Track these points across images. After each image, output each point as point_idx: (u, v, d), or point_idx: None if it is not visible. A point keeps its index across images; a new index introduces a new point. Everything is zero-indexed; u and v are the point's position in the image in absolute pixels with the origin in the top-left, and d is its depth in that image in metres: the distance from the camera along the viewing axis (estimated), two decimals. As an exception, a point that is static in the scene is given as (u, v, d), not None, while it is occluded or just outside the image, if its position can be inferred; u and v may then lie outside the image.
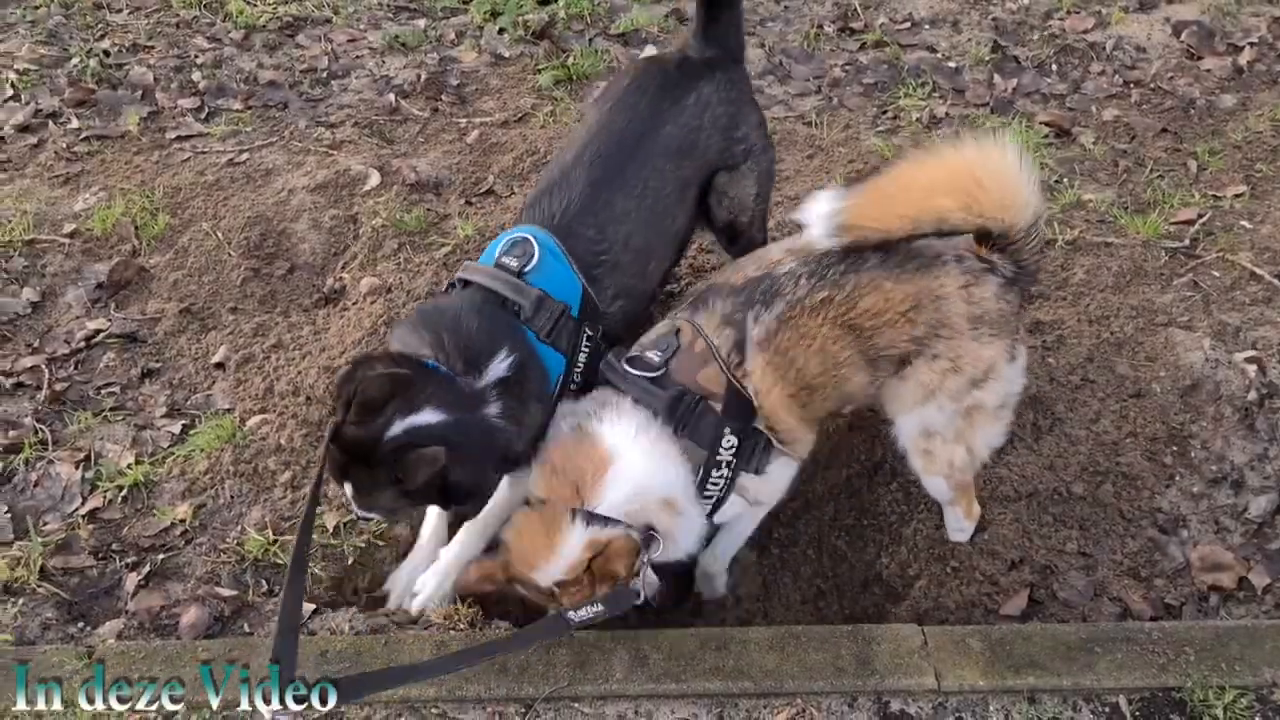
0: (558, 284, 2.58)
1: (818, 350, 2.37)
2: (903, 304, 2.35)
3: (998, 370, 2.44)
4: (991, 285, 2.38)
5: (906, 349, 2.40)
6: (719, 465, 2.39)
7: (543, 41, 4.90)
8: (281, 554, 2.76)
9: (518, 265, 2.55)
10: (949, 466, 2.58)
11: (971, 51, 4.76)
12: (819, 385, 2.42)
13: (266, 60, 4.86)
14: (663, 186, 2.79)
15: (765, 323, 2.35)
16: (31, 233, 3.78)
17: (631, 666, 2.40)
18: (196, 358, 3.36)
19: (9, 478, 2.98)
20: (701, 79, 2.87)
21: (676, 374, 2.37)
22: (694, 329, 2.40)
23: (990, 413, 2.51)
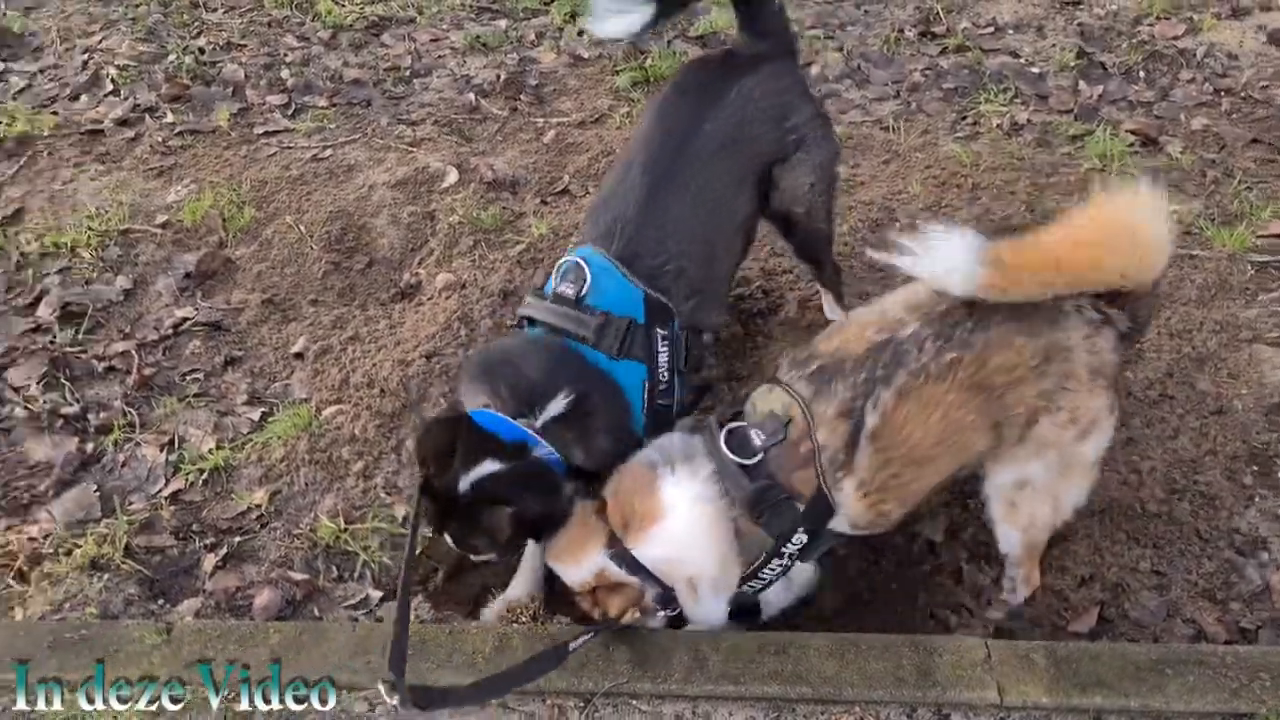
0: (617, 298, 2.58)
1: (939, 420, 2.26)
2: (1034, 358, 2.25)
3: (1102, 423, 2.37)
4: (1110, 337, 2.30)
5: (1035, 406, 2.30)
6: (781, 555, 2.39)
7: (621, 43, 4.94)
8: (351, 541, 2.83)
9: (574, 292, 2.57)
10: (1030, 520, 2.50)
11: (1056, 57, 4.67)
12: (931, 458, 2.31)
13: (352, 59, 4.98)
14: (715, 183, 2.76)
15: (883, 404, 2.24)
16: (127, 223, 3.93)
17: (691, 667, 2.41)
18: (277, 347, 3.46)
19: (99, 458, 3.11)
20: (744, 73, 2.83)
21: (772, 466, 2.33)
22: (806, 425, 2.31)
23: (1085, 468, 2.43)
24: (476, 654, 2.45)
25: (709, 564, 2.39)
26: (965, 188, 3.94)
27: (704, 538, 2.35)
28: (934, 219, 3.78)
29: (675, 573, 2.38)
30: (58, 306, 3.57)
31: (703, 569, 2.39)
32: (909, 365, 2.24)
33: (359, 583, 2.76)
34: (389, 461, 3.05)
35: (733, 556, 2.40)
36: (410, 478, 2.99)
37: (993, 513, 2.54)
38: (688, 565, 2.38)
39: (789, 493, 2.33)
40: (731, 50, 2.95)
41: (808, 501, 2.33)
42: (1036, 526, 2.52)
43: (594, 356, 2.54)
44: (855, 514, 2.36)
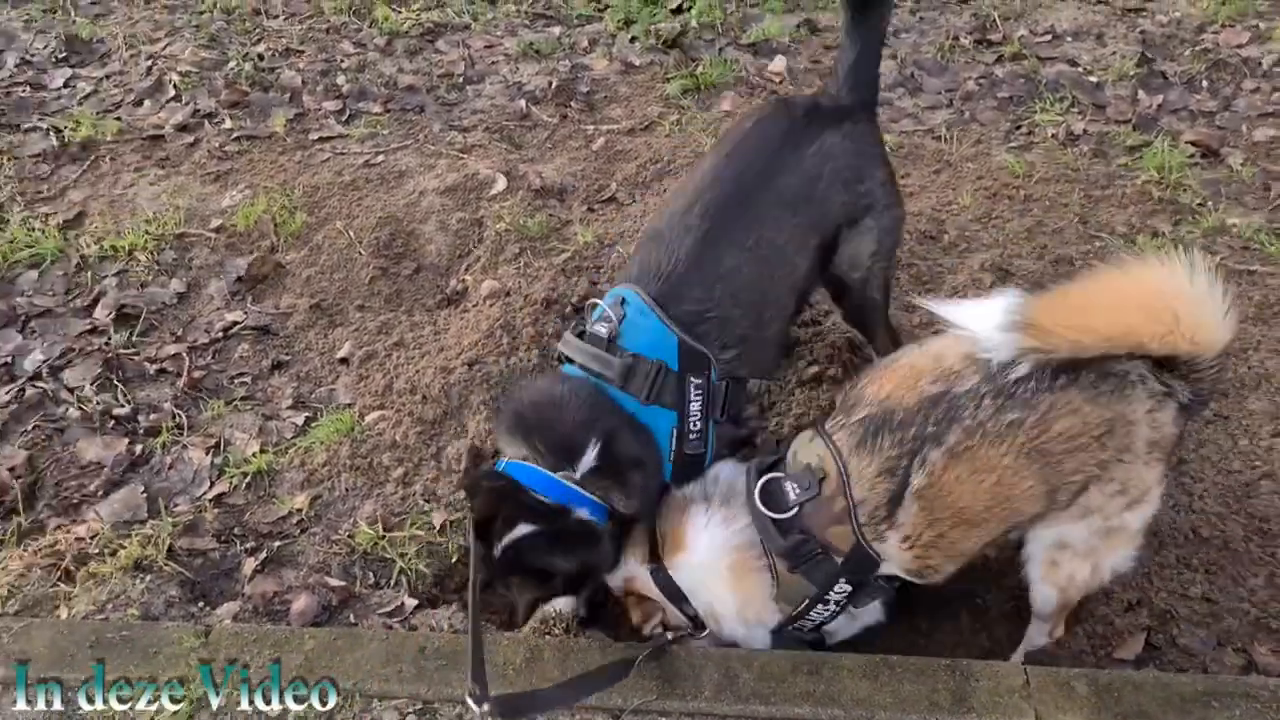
0: (649, 341, 2.55)
1: (993, 484, 2.18)
2: (1098, 428, 2.16)
3: (1152, 494, 2.30)
4: (1171, 411, 2.21)
5: (1090, 475, 2.21)
6: (826, 602, 2.39)
7: (673, 50, 4.94)
8: (389, 548, 2.85)
9: (607, 332, 2.55)
10: (1069, 580, 2.42)
11: (1115, 66, 4.57)
12: (982, 521, 2.24)
13: (406, 65, 5.04)
14: (778, 238, 2.66)
15: (932, 464, 2.18)
16: (182, 227, 4.01)
17: (721, 685, 2.39)
18: (323, 352, 3.51)
19: (147, 459, 3.17)
20: (827, 128, 2.74)
21: (806, 521, 2.31)
22: (840, 481, 2.27)
23: (1129, 535, 2.36)
24: (508, 665, 2.46)
25: (728, 602, 2.46)
26: (1017, 199, 3.87)
27: (723, 579, 2.43)
28: (981, 230, 3.73)
29: (696, 600, 2.48)
30: (114, 309, 3.65)
31: (722, 605, 2.47)
32: (964, 423, 2.16)
33: (395, 590, 2.78)
34: (429, 469, 3.07)
35: (766, 599, 2.42)
36: (449, 486, 3.02)
37: (1031, 571, 2.47)
38: (705, 598, 2.48)
39: (824, 547, 2.31)
40: (817, 100, 2.85)
41: (846, 555, 2.30)
42: (1074, 586, 2.45)
43: (625, 401, 2.53)
44: (902, 564, 2.33)
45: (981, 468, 2.17)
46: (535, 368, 3.30)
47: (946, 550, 2.30)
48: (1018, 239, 3.68)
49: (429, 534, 2.90)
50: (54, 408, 3.32)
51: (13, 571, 2.75)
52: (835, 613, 2.44)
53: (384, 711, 2.39)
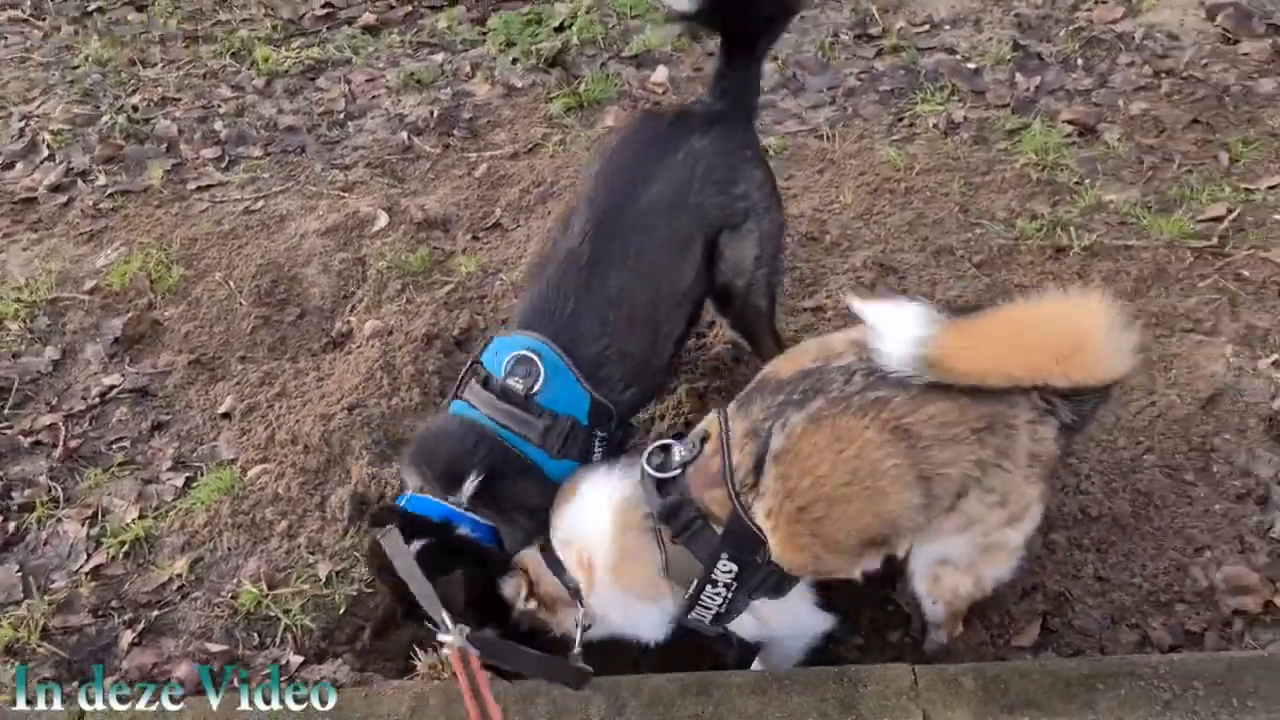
0: (565, 400, 2.56)
1: (852, 456, 2.12)
2: (978, 421, 2.12)
3: (1032, 511, 2.28)
4: (1052, 428, 2.19)
5: (965, 474, 2.16)
6: (714, 584, 2.29)
7: (555, 69, 4.90)
8: (273, 606, 2.78)
9: (524, 388, 2.54)
10: (952, 594, 2.42)
11: (992, 51, 4.60)
12: (846, 497, 2.17)
13: (287, 105, 4.95)
14: (657, 249, 2.66)
15: (792, 426, 2.14)
16: (55, 291, 3.91)
17: (609, 713, 2.35)
18: (204, 409, 3.42)
19: (22, 536, 3.07)
20: (694, 132, 2.71)
21: (688, 482, 2.27)
22: (720, 439, 2.24)
23: (1009, 551, 2.35)
24: (391, 715, 2.40)
25: (601, 547, 2.35)
26: (898, 193, 3.88)
27: (598, 519, 2.35)
28: (864, 227, 3.73)
29: (570, 555, 2.37)
30: (-14, 382, 3.54)
31: (595, 550, 2.36)
32: (829, 393, 2.13)
33: (280, 648, 2.72)
34: (313, 519, 3.00)
35: (655, 571, 2.33)
36: (335, 535, 2.95)
37: (916, 586, 2.46)
38: (579, 543, 2.38)
39: (702, 512, 2.24)
40: (686, 107, 2.85)
41: (725, 524, 2.23)
42: (959, 598, 2.44)
43: (535, 455, 2.55)
44: (776, 550, 2.24)
45: (841, 437, 2.11)
46: (417, 406, 3.25)
47: (813, 530, 2.21)
48: (899, 233, 3.69)
49: (315, 587, 2.84)
50: (-78, 490, 3.21)
51: (-127, 669, 2.64)
52: (728, 599, 2.32)
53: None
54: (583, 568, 2.37)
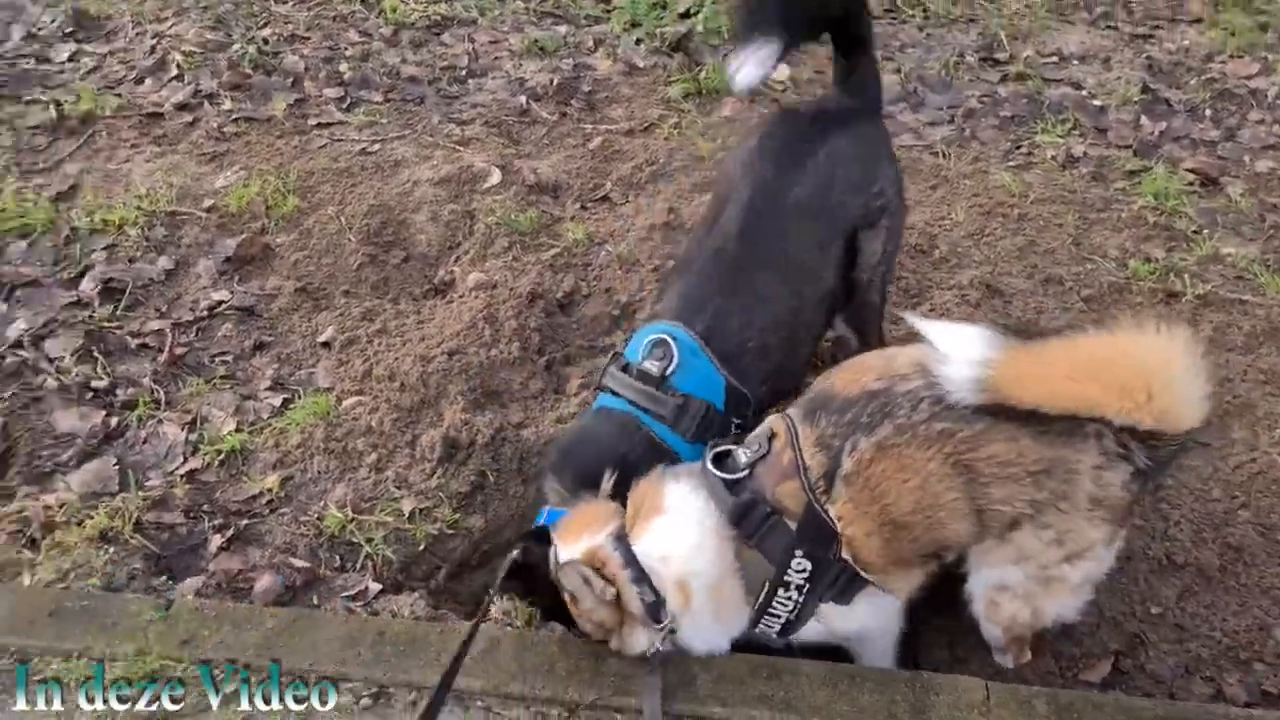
0: (701, 383, 2.56)
1: (917, 487, 2.14)
2: (1035, 464, 2.11)
3: (1095, 552, 2.25)
4: (1122, 473, 2.15)
5: (1020, 511, 2.17)
6: (787, 586, 2.26)
7: (677, 54, 4.92)
8: (356, 533, 2.84)
9: (658, 370, 2.55)
10: (1010, 620, 2.39)
11: (1120, 91, 4.56)
12: (908, 525, 2.19)
13: (410, 56, 5.03)
14: (803, 252, 2.67)
15: (861, 451, 2.14)
16: (174, 204, 4.00)
17: (678, 686, 2.37)
18: (306, 335, 3.50)
19: (123, 432, 3.16)
20: (833, 131, 2.72)
21: (758, 481, 2.25)
22: (789, 437, 2.23)
23: (1069, 587, 2.32)
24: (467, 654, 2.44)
25: (703, 567, 2.27)
26: (1011, 218, 3.86)
27: (699, 538, 2.26)
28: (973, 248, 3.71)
29: (667, 572, 2.25)
30: (100, 282, 3.64)
31: (697, 571, 2.27)
32: (897, 420, 2.13)
33: (359, 574, 2.77)
34: (402, 456, 3.06)
35: (734, 579, 2.28)
36: (421, 474, 3.00)
37: (975, 608, 2.43)
38: (679, 563, 2.26)
39: (775, 508, 2.22)
40: (822, 105, 2.83)
41: (799, 519, 2.21)
42: (1018, 625, 2.42)
43: (668, 437, 2.54)
44: (853, 547, 2.22)
45: (907, 466, 2.13)
46: (515, 360, 3.30)
47: (878, 549, 2.21)
48: (1009, 257, 3.67)
49: (398, 520, 2.89)
50: (32, 377, 3.30)
51: (-23, 536, 2.74)
52: (799, 604, 2.29)
53: (340, 695, 2.37)
54: (681, 591, 2.27)
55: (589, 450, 2.59)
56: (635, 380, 2.57)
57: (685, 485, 2.32)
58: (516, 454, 3.07)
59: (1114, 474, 2.15)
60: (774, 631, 2.36)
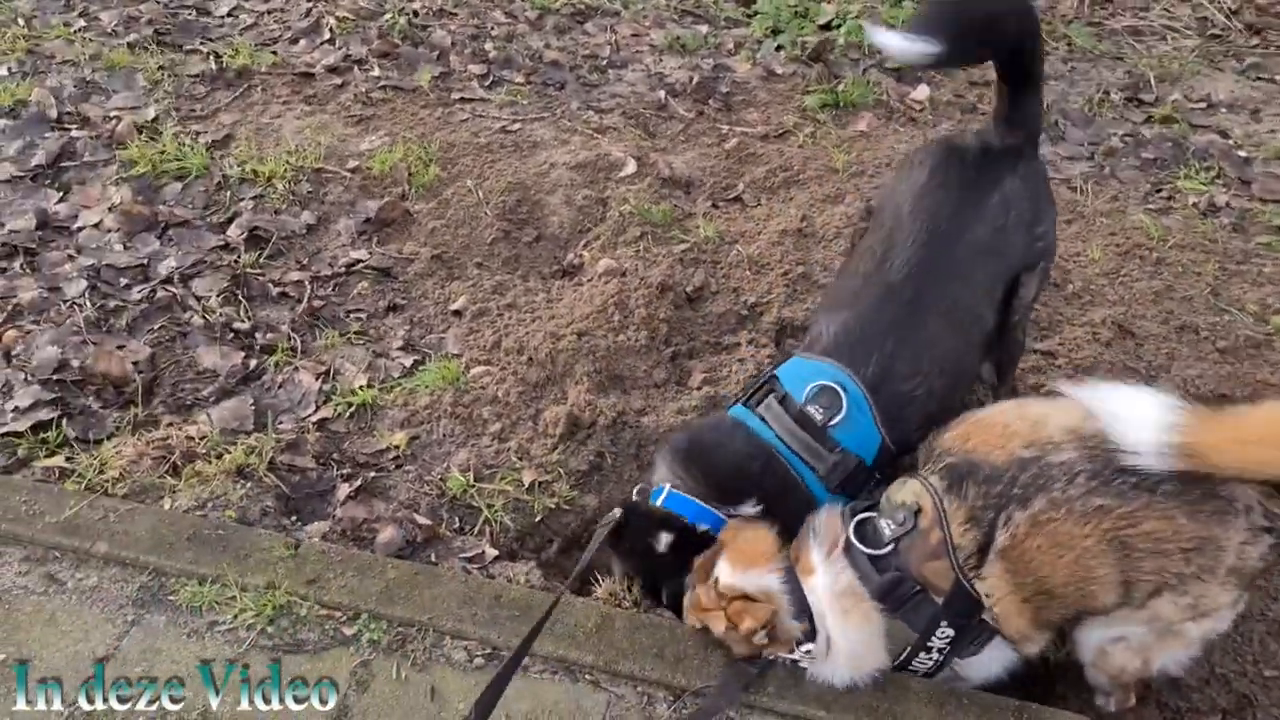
0: (859, 439, 2.54)
1: (1071, 561, 2.13)
2: (1189, 542, 2.09)
3: (1220, 613, 2.22)
4: (1263, 546, 2.13)
5: (1165, 581, 2.15)
6: (929, 650, 2.31)
7: (817, 64, 4.94)
8: (477, 497, 2.91)
9: (822, 419, 2.52)
10: (1118, 670, 2.37)
11: (1269, 143, 4.45)
12: (1060, 595, 2.20)
13: (554, 41, 5.12)
14: (973, 296, 2.62)
15: (1015, 525, 2.13)
16: (321, 163, 4.13)
17: (785, 683, 2.39)
18: (438, 302, 3.59)
19: (260, 375, 3.28)
20: (1005, 172, 2.64)
21: (903, 557, 2.25)
22: (936, 516, 2.22)
23: (1185, 641, 2.28)
24: (578, 628, 2.49)
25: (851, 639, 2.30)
26: (1148, 260, 3.80)
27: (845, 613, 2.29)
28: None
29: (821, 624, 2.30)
30: (246, 229, 3.78)
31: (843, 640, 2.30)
32: (1051, 494, 2.11)
33: (477, 538, 2.84)
34: (525, 428, 3.12)
35: (877, 643, 2.32)
36: (543, 448, 3.07)
37: (1081, 654, 2.41)
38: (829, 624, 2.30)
39: (921, 584, 2.24)
40: (986, 141, 2.75)
41: (946, 595, 2.23)
42: (1126, 673, 2.39)
43: (813, 484, 2.54)
44: (1000, 616, 2.25)
45: (1063, 542, 2.12)
46: (642, 348, 3.35)
47: (1029, 616, 2.24)
48: (1144, 299, 3.61)
49: (517, 490, 2.95)
50: (180, 313, 3.45)
51: (125, 457, 2.87)
52: (940, 662, 2.35)
53: (454, 650, 2.44)
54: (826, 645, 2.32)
55: (725, 459, 2.57)
56: (793, 422, 2.54)
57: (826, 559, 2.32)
58: (635, 439, 3.11)
59: (1257, 547, 2.13)
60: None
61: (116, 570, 2.56)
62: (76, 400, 3.10)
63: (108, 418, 3.06)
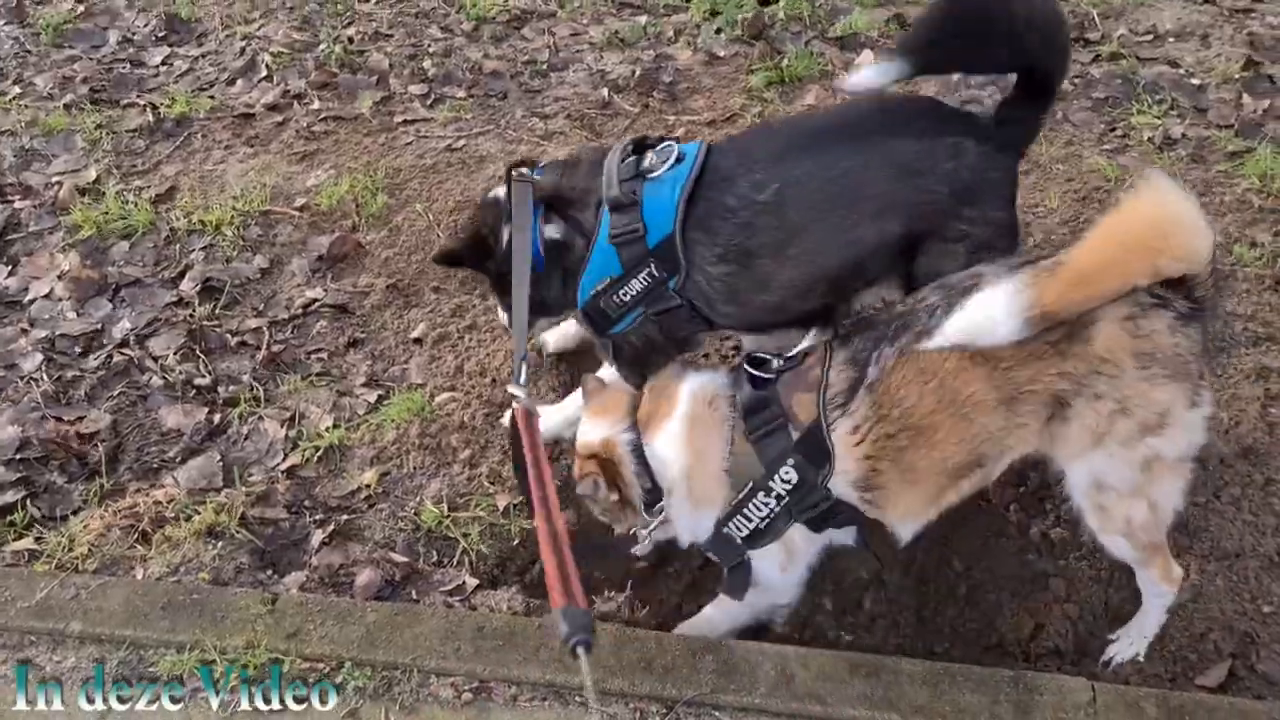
0: (655, 207, 2.59)
1: (936, 386, 2.18)
2: (1053, 333, 2.12)
3: (1175, 416, 2.20)
4: (1164, 319, 2.13)
5: (1055, 385, 2.17)
6: (769, 491, 2.30)
7: (758, 42, 4.88)
8: (453, 528, 2.88)
9: (646, 166, 2.63)
10: (1127, 524, 2.33)
11: (1219, 68, 4.41)
12: (931, 426, 2.21)
13: (492, 51, 5.07)
14: (862, 187, 2.56)
15: (884, 359, 2.23)
16: (268, 204, 4.09)
17: (777, 682, 2.38)
18: (397, 332, 3.55)
19: (225, 429, 3.24)
20: (973, 135, 2.56)
21: (779, 385, 2.34)
22: (821, 356, 2.31)
23: (1169, 465, 2.26)
24: (564, 651, 2.45)
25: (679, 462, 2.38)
26: (1107, 204, 3.75)
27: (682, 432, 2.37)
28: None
29: (667, 473, 2.38)
30: (199, 281, 3.74)
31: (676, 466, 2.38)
32: (915, 328, 2.22)
33: (457, 569, 2.81)
34: (495, 451, 3.09)
35: (718, 467, 2.35)
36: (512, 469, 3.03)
37: (1090, 526, 2.40)
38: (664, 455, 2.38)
39: (785, 414, 2.29)
40: (972, 114, 2.82)
41: (803, 430, 2.27)
42: (1139, 527, 2.35)
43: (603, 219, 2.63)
44: (849, 467, 2.27)
45: (925, 369, 2.21)
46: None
47: (896, 459, 2.26)
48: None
49: (492, 516, 2.93)
50: (139, 375, 3.41)
51: (93, 530, 2.84)
52: (774, 513, 2.32)
53: (441, 688, 2.42)
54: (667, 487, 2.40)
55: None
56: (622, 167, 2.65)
57: (698, 381, 2.43)
58: (608, 449, 3.07)
59: (1151, 321, 2.14)
60: (739, 536, 2.39)
61: (93, 648, 2.53)
62: (41, 477, 3.07)
63: (74, 491, 3.04)
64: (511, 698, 2.39)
